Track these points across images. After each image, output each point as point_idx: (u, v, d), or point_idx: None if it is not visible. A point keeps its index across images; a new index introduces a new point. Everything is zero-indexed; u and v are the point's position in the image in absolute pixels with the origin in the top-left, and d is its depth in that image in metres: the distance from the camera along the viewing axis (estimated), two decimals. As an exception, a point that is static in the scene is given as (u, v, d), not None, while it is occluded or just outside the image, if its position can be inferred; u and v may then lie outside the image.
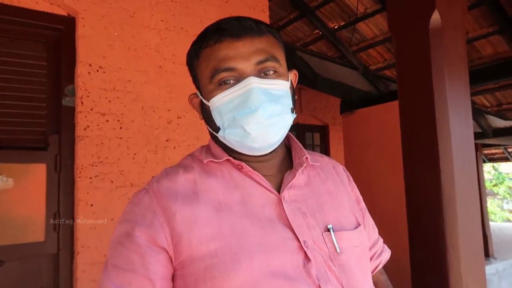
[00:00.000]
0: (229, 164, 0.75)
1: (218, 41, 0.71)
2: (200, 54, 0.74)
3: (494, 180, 15.34)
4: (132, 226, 0.69)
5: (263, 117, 0.68)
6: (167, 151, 2.27)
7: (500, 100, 5.48)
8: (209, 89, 0.72)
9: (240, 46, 0.70)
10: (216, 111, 0.72)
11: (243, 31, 0.71)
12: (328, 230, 0.72)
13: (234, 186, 0.72)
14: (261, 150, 0.73)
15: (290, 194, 0.74)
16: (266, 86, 0.70)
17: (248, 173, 0.74)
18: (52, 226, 1.97)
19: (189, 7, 2.44)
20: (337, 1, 4.22)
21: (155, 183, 0.74)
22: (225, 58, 0.70)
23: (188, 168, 0.76)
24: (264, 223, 0.69)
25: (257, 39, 0.71)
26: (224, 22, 0.73)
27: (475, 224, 1.47)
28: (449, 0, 1.45)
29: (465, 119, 1.46)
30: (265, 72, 0.71)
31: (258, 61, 0.70)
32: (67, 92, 2.08)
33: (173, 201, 0.70)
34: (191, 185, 0.73)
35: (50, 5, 2.08)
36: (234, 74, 0.70)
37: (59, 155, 2.02)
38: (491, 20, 3.85)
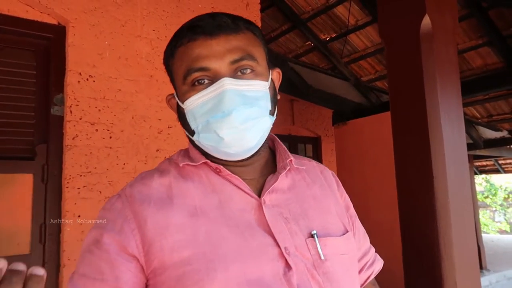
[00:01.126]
0: (207, 168, 0.71)
1: (192, 40, 0.67)
2: (175, 53, 0.70)
3: (486, 192, 15.44)
4: (101, 233, 0.65)
5: (237, 121, 0.64)
6: (157, 161, 2.23)
7: (490, 112, 5.54)
8: (183, 90, 0.69)
9: (214, 45, 0.66)
10: (190, 114, 0.69)
11: (217, 28, 0.67)
12: (312, 236, 0.68)
13: (212, 191, 0.69)
14: (237, 155, 0.69)
15: (271, 198, 0.70)
16: (241, 88, 0.66)
17: (227, 177, 0.70)
18: (38, 238, 1.91)
19: (181, 17, 2.43)
20: (329, 13, 4.28)
21: (128, 187, 0.71)
22: (198, 57, 0.66)
23: (164, 172, 0.72)
24: (243, 229, 0.65)
25: (233, 36, 0.67)
26: (198, 19, 0.69)
27: (469, 232, 1.45)
28: (439, 6, 1.46)
29: (457, 124, 1.46)
30: (242, 71, 0.67)
31: (233, 60, 0.66)
32: (56, 101, 2.05)
33: (145, 206, 0.66)
34: (165, 189, 0.69)
35: (40, 13, 2.06)
36: (208, 74, 0.66)
37: (47, 165, 1.98)
38: (480, 32, 3.91)
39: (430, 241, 1.39)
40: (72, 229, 1.92)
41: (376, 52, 4.58)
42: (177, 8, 2.43)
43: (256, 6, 2.79)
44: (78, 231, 1.93)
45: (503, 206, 15.53)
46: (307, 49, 4.89)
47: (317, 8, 4.25)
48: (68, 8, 2.07)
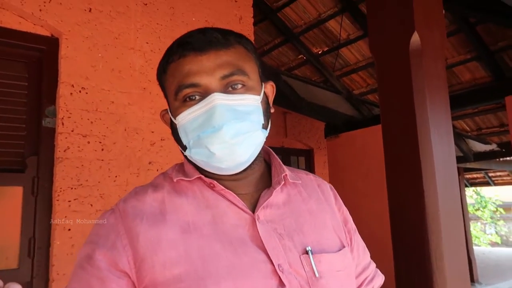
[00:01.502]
0: (201, 183, 0.71)
1: (182, 56, 0.68)
2: (167, 69, 0.71)
3: (477, 205, 15.54)
4: (93, 248, 0.65)
5: (227, 136, 0.64)
6: (149, 174, 2.22)
7: (480, 125, 5.63)
8: (175, 105, 0.69)
9: (204, 60, 0.66)
10: (182, 129, 0.69)
11: (207, 44, 0.67)
12: (307, 253, 0.67)
13: (205, 206, 0.68)
14: (229, 170, 0.68)
15: (266, 213, 0.69)
16: (231, 102, 0.66)
17: (221, 192, 0.69)
18: (26, 252, 1.88)
19: (175, 30, 2.45)
20: (321, 27, 4.34)
21: (122, 202, 0.70)
22: (188, 74, 0.66)
23: (158, 187, 0.72)
24: (236, 245, 0.64)
25: (223, 51, 0.68)
26: (188, 35, 0.70)
27: (460, 246, 1.46)
28: (428, 23, 1.50)
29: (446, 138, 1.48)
30: (232, 86, 0.67)
31: (223, 75, 0.66)
32: (48, 113, 2.04)
33: (137, 222, 0.65)
34: (159, 204, 0.68)
35: (33, 25, 2.06)
36: (199, 90, 0.66)
37: (37, 178, 1.96)
38: (468, 47, 3.99)
39: (421, 254, 1.39)
40: (61, 243, 1.89)
41: (367, 65, 4.65)
42: (171, 21, 2.45)
43: (249, 20, 2.83)
44: (67, 245, 1.90)
45: (494, 218, 15.63)
46: (300, 62, 4.94)
47: (309, 22, 4.31)
48: (61, 20, 2.08)
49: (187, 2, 2.53)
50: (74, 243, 1.92)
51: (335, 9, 4.04)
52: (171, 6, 2.46)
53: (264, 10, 4.27)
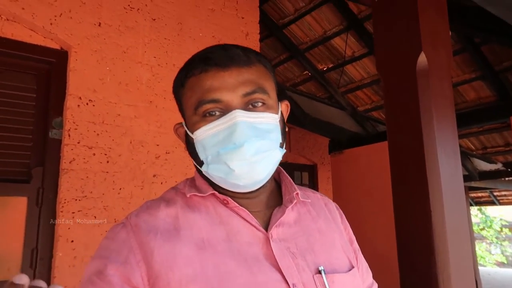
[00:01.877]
0: (214, 199, 0.70)
1: (204, 71, 0.67)
2: (186, 83, 0.71)
3: (482, 224, 15.35)
4: (105, 263, 0.62)
5: (248, 154, 0.63)
6: (153, 187, 2.22)
7: (485, 144, 5.61)
8: (194, 120, 0.69)
9: (226, 77, 0.66)
10: (200, 145, 0.68)
11: (230, 60, 0.67)
12: (320, 272, 0.66)
13: (219, 223, 0.67)
14: (246, 187, 0.68)
15: (278, 232, 0.69)
16: (252, 120, 0.66)
17: (234, 209, 0.69)
18: (29, 263, 1.87)
19: (182, 45, 2.48)
20: (326, 44, 4.38)
21: (134, 217, 0.68)
22: (210, 89, 0.66)
23: (170, 202, 0.71)
24: (250, 263, 0.63)
25: (245, 69, 0.68)
26: (210, 50, 0.70)
27: (468, 267, 1.44)
28: (435, 44, 1.51)
29: (453, 158, 1.48)
30: (253, 104, 0.67)
31: (245, 93, 0.66)
32: (55, 124, 2.06)
33: (151, 237, 0.64)
34: (172, 220, 0.67)
35: (43, 38, 2.10)
36: (220, 106, 0.66)
37: (42, 189, 1.96)
38: (473, 67, 4.01)
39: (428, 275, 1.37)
40: (64, 255, 1.89)
41: (372, 83, 4.67)
42: (178, 36, 2.48)
43: (255, 36, 2.86)
44: (70, 257, 1.90)
45: (499, 238, 15.41)
46: (305, 79, 4.98)
47: (315, 39, 4.36)
48: (71, 34, 2.11)
49: (194, 18, 2.57)
50: (77, 255, 1.91)
51: (340, 26, 4.09)
52: (179, 22, 2.50)
53: (270, 26, 4.32)
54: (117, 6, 2.28)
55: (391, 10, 1.65)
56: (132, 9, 2.33)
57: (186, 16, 2.53)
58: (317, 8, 3.95)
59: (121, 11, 2.29)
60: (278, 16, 4.26)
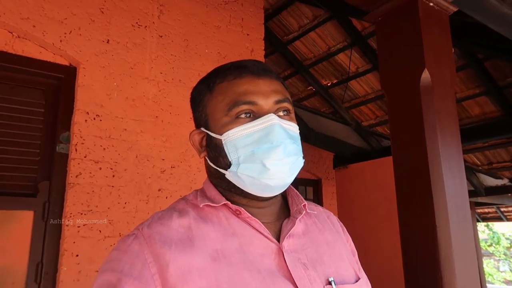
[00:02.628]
0: (226, 210, 0.71)
1: (238, 77, 0.72)
2: (215, 88, 0.73)
3: (490, 240, 15.12)
4: (119, 277, 0.61)
5: (283, 154, 0.67)
6: (158, 201, 2.23)
7: (490, 159, 5.57)
8: (224, 121, 0.70)
9: (260, 84, 0.71)
10: (231, 145, 0.69)
11: (262, 71, 0.73)
12: (330, 283, 0.67)
13: (232, 234, 0.68)
14: (275, 189, 0.70)
15: (289, 243, 0.70)
16: (284, 126, 0.70)
17: (247, 219, 0.69)
18: (34, 277, 1.87)
19: (188, 61, 2.53)
20: (330, 60, 4.42)
21: (146, 228, 0.67)
22: (246, 92, 0.70)
23: (182, 213, 0.70)
24: (264, 274, 0.64)
25: (274, 80, 0.74)
26: (244, 61, 0.75)
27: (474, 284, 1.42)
28: (438, 61, 1.53)
29: (458, 174, 1.48)
30: (282, 111, 0.72)
31: (277, 100, 0.71)
32: (62, 139, 2.08)
33: (166, 249, 0.63)
34: (186, 230, 0.67)
35: (53, 55, 2.14)
36: (254, 108, 0.69)
37: (48, 203, 1.98)
38: (477, 82, 4.02)
39: (434, 290, 1.36)
40: (68, 269, 1.89)
41: (376, 98, 4.69)
42: (184, 52, 2.53)
43: (260, 52, 2.90)
44: (74, 271, 1.90)
45: (507, 255, 15.16)
46: (309, 94, 5.01)
47: (319, 55, 4.40)
48: (80, 51, 2.16)
49: (200, 35, 2.62)
50: (81, 269, 1.91)
51: (344, 43, 4.13)
52: (185, 39, 2.55)
53: (274, 43, 4.38)
54: (125, 23, 2.33)
55: (395, 28, 1.68)
56: (139, 26, 2.38)
57: (192, 33, 2.58)
58: (321, 24, 4.00)
59: (129, 28, 2.34)
60: (283, 32, 4.32)
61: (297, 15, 4.05)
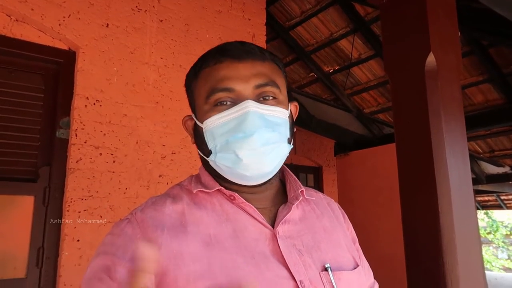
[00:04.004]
0: (220, 195, 0.70)
1: (219, 61, 0.69)
2: (199, 74, 0.72)
3: (489, 228, 15.21)
4: (112, 260, 0.61)
5: (257, 143, 0.64)
6: (159, 187, 2.23)
7: (492, 147, 5.56)
8: (204, 109, 0.69)
9: (240, 68, 0.68)
10: (209, 133, 0.69)
11: (245, 53, 0.69)
12: (326, 270, 0.66)
13: (226, 219, 0.67)
14: (252, 179, 0.68)
15: (284, 229, 0.69)
16: (263, 112, 0.67)
17: (241, 205, 0.69)
18: (35, 261, 1.88)
19: (189, 46, 2.49)
20: (332, 47, 4.37)
21: (139, 212, 0.68)
22: (223, 78, 0.67)
23: (176, 198, 0.70)
24: (258, 259, 0.63)
25: (259, 63, 0.70)
26: (227, 44, 0.72)
27: (477, 269, 1.42)
28: (443, 44, 1.50)
29: (462, 159, 1.46)
30: (264, 97, 0.68)
31: (257, 84, 0.68)
32: (62, 124, 2.07)
33: (159, 234, 0.63)
34: (179, 216, 0.67)
35: (52, 39, 2.11)
36: (231, 95, 0.67)
37: (49, 188, 1.97)
38: (481, 69, 3.98)
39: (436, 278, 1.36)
40: (70, 254, 1.89)
41: (378, 85, 4.65)
42: (185, 37, 2.49)
43: (262, 38, 2.86)
44: (76, 256, 1.90)
45: (506, 243, 15.26)
46: (311, 80, 4.97)
47: (321, 41, 4.35)
48: (79, 35, 2.13)
49: (201, 20, 2.58)
50: (82, 254, 1.92)
51: (347, 29, 4.08)
52: (186, 23, 2.51)
53: (276, 28, 4.32)
54: (125, 7, 2.29)
55: (400, 10, 1.64)
56: (139, 10, 2.34)
57: (193, 17, 2.54)
58: (324, 10, 3.94)
59: (128, 12, 2.30)
60: (285, 18, 4.26)
61: (299, 0, 3.99)
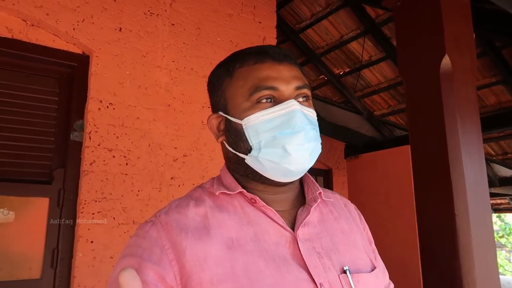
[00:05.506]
0: (241, 198, 0.71)
1: (259, 61, 0.71)
2: (234, 73, 0.73)
3: (501, 232, 14.98)
4: (138, 262, 0.62)
5: (304, 140, 0.67)
6: (171, 189, 2.24)
7: (505, 149, 5.48)
8: (245, 106, 0.70)
9: (281, 69, 0.71)
10: (252, 130, 0.69)
11: (284, 56, 0.73)
12: (345, 272, 0.67)
13: (247, 222, 0.68)
14: (293, 174, 0.70)
15: (304, 232, 0.69)
16: (305, 111, 0.70)
17: (261, 208, 0.69)
18: (50, 262, 1.91)
19: (200, 49, 2.51)
20: (343, 49, 4.36)
21: (164, 215, 0.69)
22: (267, 78, 0.70)
23: (198, 201, 0.71)
24: (279, 263, 0.64)
25: (295, 66, 0.73)
26: (264, 46, 0.75)
27: (493, 272, 1.40)
28: (458, 46, 1.49)
29: (478, 161, 1.45)
30: (302, 97, 0.72)
31: (297, 86, 0.71)
32: (76, 127, 2.10)
33: (183, 236, 0.64)
34: (202, 219, 0.68)
35: (66, 43, 2.14)
36: (275, 94, 0.69)
37: (63, 190, 2.00)
38: (494, 71, 3.93)
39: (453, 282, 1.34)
40: (84, 255, 1.92)
41: (389, 87, 4.62)
42: (196, 40, 2.51)
43: (272, 40, 2.87)
44: (89, 257, 1.92)
45: (519, 247, 15.00)
46: (321, 83, 4.96)
47: (331, 43, 4.34)
48: (93, 39, 2.16)
49: (212, 23, 2.59)
50: (96, 255, 1.94)
51: (357, 31, 4.07)
52: (197, 27, 2.53)
53: (286, 31, 4.33)
54: (137, 11, 2.32)
55: (413, 12, 1.63)
56: (152, 14, 2.37)
57: (204, 21, 2.56)
58: (334, 12, 3.94)
59: (141, 16, 2.33)
60: (295, 20, 4.26)
61: (310, 2, 3.99)
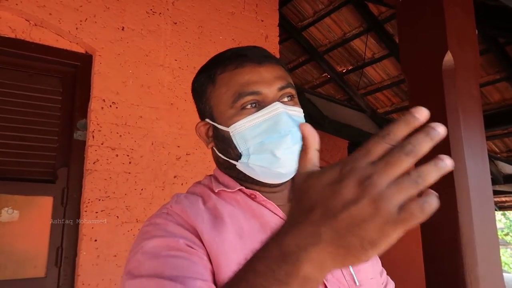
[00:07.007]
0: (242, 194, 0.72)
1: (240, 66, 0.71)
2: (216, 79, 0.72)
3: (506, 229, 14.89)
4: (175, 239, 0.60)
5: (291, 142, 0.66)
6: (174, 188, 2.25)
7: (510, 146, 5.45)
8: (230, 114, 0.70)
9: (262, 72, 0.70)
10: (239, 137, 0.70)
11: (263, 58, 0.72)
12: None
13: (252, 215, 0.69)
14: (285, 176, 0.70)
15: None
16: (290, 112, 0.70)
17: (262, 203, 0.70)
18: (54, 261, 1.92)
19: (202, 48, 2.51)
20: (345, 46, 4.34)
21: (175, 204, 0.68)
22: (248, 83, 0.69)
23: (204, 195, 0.72)
24: None
25: (276, 66, 0.73)
26: (242, 49, 0.74)
27: (496, 269, 1.40)
28: (461, 42, 1.49)
29: (481, 158, 1.44)
30: (287, 97, 0.72)
31: (280, 86, 0.70)
32: (79, 126, 2.11)
33: (199, 221, 0.64)
34: (212, 211, 0.68)
35: (69, 43, 2.15)
36: (258, 98, 0.69)
37: (67, 189, 2.01)
38: (498, 68, 3.91)
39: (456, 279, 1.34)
40: (87, 254, 1.93)
41: (392, 84, 4.60)
42: (199, 39, 2.51)
43: (275, 39, 2.87)
44: (93, 256, 1.93)
45: (524, 244, 14.91)
46: (324, 81, 4.94)
47: (334, 41, 4.33)
48: (96, 38, 2.16)
49: (214, 22, 2.59)
50: (100, 254, 1.95)
51: (360, 28, 4.05)
52: (199, 25, 2.53)
53: (289, 29, 4.31)
54: (139, 10, 2.32)
55: (416, 9, 1.62)
56: (154, 13, 2.37)
57: (206, 19, 2.56)
58: (337, 10, 3.92)
59: (143, 15, 2.33)
60: (297, 18, 4.25)
61: (312, 0, 3.98)
